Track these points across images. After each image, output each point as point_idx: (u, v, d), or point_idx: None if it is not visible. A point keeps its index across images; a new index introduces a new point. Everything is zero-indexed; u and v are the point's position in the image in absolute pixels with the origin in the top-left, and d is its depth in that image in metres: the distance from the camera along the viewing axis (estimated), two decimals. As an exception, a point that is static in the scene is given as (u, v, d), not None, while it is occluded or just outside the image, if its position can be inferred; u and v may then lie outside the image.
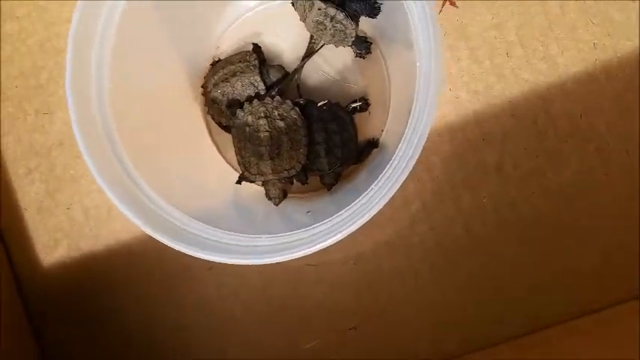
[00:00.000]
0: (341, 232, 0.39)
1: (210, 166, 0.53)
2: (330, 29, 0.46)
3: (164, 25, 0.48)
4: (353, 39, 0.48)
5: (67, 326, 0.54)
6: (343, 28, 0.46)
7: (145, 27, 0.46)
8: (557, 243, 0.51)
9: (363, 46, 0.49)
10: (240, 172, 0.49)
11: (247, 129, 0.48)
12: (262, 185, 0.49)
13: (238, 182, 0.50)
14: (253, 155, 0.47)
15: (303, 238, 0.41)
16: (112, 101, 0.43)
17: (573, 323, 0.51)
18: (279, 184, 0.48)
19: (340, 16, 0.45)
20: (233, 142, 0.49)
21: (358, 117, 0.51)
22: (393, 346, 0.53)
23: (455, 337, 0.52)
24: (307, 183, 0.50)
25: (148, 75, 0.47)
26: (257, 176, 0.48)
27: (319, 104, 0.50)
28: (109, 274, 0.54)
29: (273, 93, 0.49)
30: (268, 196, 0.49)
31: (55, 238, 0.55)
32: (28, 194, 0.55)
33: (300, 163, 0.48)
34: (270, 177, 0.47)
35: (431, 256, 0.52)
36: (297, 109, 0.48)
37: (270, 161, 0.47)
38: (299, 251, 0.39)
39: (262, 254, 0.40)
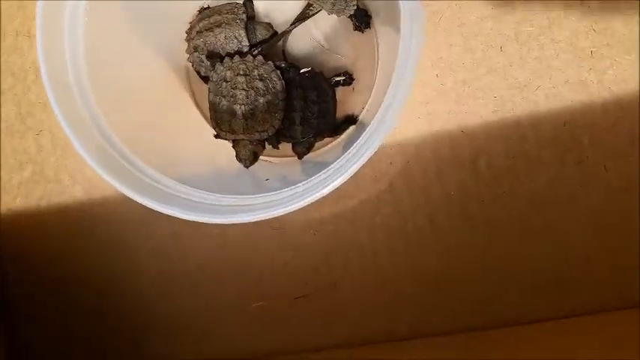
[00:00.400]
0: (304, 199, 0.38)
1: (184, 120, 0.52)
2: None
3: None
4: (354, 9, 0.46)
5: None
6: None
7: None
8: (522, 246, 0.51)
9: (363, 19, 0.48)
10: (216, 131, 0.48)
11: (224, 84, 0.46)
12: (232, 146, 0.48)
13: (216, 137, 0.49)
14: (227, 112, 0.46)
15: (268, 202, 0.41)
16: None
17: (521, 327, 0.51)
18: (250, 145, 0.47)
19: None
20: (208, 97, 0.48)
21: (342, 91, 0.50)
22: (342, 319, 0.53)
23: (407, 319, 0.52)
24: (278, 148, 0.50)
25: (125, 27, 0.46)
26: (228, 134, 0.47)
27: (302, 70, 0.48)
28: (67, 207, 0.53)
29: (256, 52, 0.47)
30: (238, 158, 0.47)
31: (21, 161, 0.54)
32: (-2, 114, 0.54)
33: (273, 127, 0.47)
34: (241, 137, 0.47)
35: (392, 239, 0.52)
36: (279, 72, 0.47)
37: (243, 120, 0.46)
38: (261, 213, 0.38)
39: (225, 214, 0.40)
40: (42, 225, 0.54)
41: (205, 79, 0.50)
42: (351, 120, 0.50)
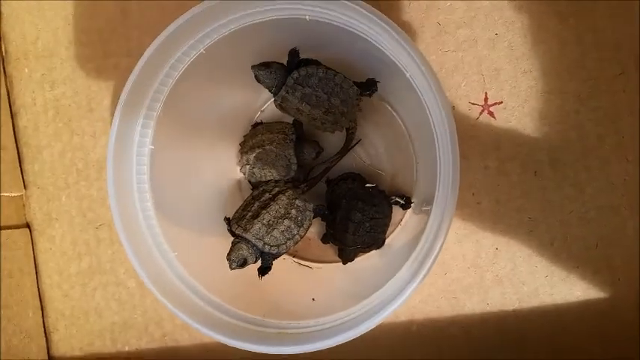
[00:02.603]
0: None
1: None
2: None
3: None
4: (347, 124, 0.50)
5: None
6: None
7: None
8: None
9: (371, 87, 0.50)
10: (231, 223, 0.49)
11: (267, 194, 0.49)
12: (232, 245, 0.48)
13: (228, 229, 0.50)
14: (253, 215, 0.48)
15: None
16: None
17: None
18: (245, 251, 0.47)
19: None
20: (247, 198, 0.50)
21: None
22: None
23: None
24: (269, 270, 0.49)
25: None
26: (239, 228, 0.48)
27: (367, 185, 0.51)
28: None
29: (305, 187, 0.52)
30: (228, 257, 0.47)
31: (79, 252, 0.59)
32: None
33: (278, 249, 0.48)
34: (247, 236, 0.47)
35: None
36: (312, 215, 0.50)
37: (260, 225, 0.47)
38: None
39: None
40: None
41: (256, 186, 0.53)
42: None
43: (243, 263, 0.47)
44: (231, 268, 0.47)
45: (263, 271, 0.48)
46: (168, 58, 0.46)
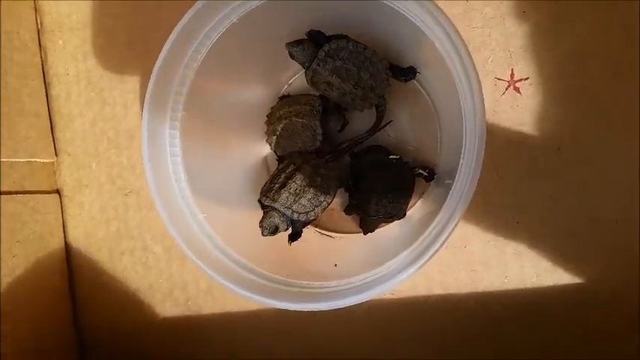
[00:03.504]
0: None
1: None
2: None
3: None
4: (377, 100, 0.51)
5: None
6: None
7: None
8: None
9: (408, 74, 0.51)
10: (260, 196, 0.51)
11: (291, 166, 0.50)
12: (263, 211, 0.50)
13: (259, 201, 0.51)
14: (280, 185, 0.49)
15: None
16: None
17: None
18: (276, 218, 0.49)
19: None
20: (274, 171, 0.52)
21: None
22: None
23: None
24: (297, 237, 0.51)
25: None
26: (267, 199, 0.49)
27: (391, 157, 0.52)
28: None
29: (330, 157, 0.52)
30: (261, 224, 0.49)
31: (108, 217, 0.60)
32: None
33: (306, 215, 0.49)
34: (276, 205, 0.49)
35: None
36: (337, 181, 0.51)
37: (287, 194, 0.49)
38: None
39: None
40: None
41: (281, 157, 0.55)
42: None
43: (274, 230, 0.48)
44: (264, 235, 0.48)
45: (293, 237, 0.50)
46: (201, 29, 0.47)
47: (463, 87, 0.41)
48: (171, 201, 0.48)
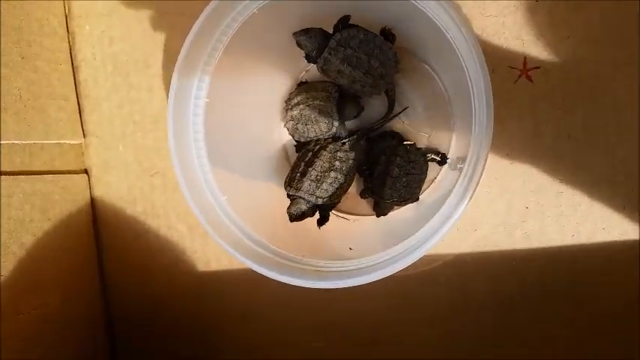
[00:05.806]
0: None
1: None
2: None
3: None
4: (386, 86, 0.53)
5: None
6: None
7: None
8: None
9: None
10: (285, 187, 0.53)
11: (310, 154, 0.53)
12: (290, 200, 0.53)
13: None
14: (301, 173, 0.52)
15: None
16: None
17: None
18: (303, 205, 0.52)
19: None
20: (294, 161, 0.55)
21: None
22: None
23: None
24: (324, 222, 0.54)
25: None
26: (292, 189, 0.52)
27: (405, 142, 0.55)
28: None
29: (346, 142, 0.54)
30: (288, 211, 0.52)
31: (135, 197, 0.63)
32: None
33: (330, 200, 0.52)
34: (300, 194, 0.52)
35: (452, 294, 0.57)
36: (355, 162, 0.53)
37: (309, 182, 0.52)
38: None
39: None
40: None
41: (299, 144, 0.57)
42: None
43: (301, 216, 0.51)
44: (291, 221, 0.51)
45: (322, 221, 0.53)
46: (224, 17, 0.49)
47: (471, 74, 0.43)
48: (195, 183, 0.50)
